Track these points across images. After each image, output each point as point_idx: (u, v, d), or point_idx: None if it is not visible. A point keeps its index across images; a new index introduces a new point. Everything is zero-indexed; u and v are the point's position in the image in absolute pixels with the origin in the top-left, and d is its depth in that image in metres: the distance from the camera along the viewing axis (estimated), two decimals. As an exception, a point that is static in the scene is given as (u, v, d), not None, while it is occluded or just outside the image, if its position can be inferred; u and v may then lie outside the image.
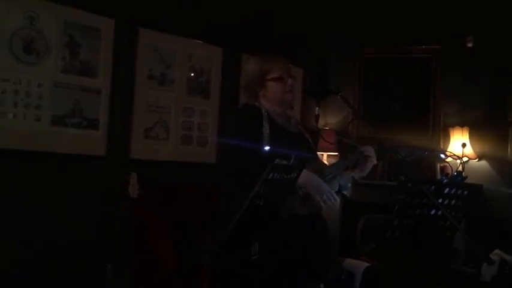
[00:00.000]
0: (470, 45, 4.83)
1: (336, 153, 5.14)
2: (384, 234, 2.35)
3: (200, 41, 4.24)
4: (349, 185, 2.42)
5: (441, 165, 4.76)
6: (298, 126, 2.53)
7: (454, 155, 4.35)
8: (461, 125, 4.82)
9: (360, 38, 5.34)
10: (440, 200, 2.27)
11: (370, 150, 2.41)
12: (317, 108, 5.20)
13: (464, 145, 4.63)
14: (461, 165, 4.55)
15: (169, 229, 3.50)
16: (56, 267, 3.26)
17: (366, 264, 3.95)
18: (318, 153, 5.09)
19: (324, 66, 5.36)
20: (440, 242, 2.47)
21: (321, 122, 5.34)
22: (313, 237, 2.37)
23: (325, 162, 5.04)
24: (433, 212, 2.30)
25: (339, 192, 2.37)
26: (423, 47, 5.14)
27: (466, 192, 2.34)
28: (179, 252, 3.48)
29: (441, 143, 5.01)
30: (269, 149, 2.23)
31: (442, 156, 4.73)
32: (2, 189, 3.14)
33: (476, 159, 4.79)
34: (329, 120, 5.43)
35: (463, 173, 2.45)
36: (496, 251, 3.72)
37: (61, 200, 3.36)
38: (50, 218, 3.29)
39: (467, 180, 2.37)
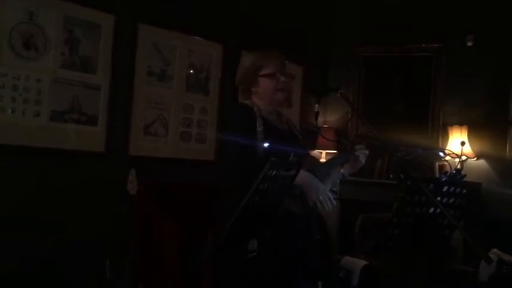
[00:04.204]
0: (470, 44, 4.84)
1: (335, 151, 5.14)
2: (382, 232, 2.35)
3: (200, 38, 4.23)
4: (338, 181, 2.42)
5: (440, 163, 4.76)
6: (288, 124, 2.52)
7: (453, 153, 4.34)
8: (461, 123, 4.83)
9: (362, 36, 5.34)
10: (439, 198, 2.27)
11: (363, 150, 2.40)
12: (316, 105, 5.18)
13: (463, 144, 4.63)
14: (460, 164, 4.54)
15: (169, 227, 3.49)
16: (56, 267, 3.26)
17: (364, 262, 3.95)
18: (317, 150, 5.11)
19: (325, 63, 5.36)
20: (439, 240, 2.47)
21: (321, 119, 5.32)
22: (309, 235, 2.37)
23: (321, 159, 5.04)
24: (431, 210, 2.30)
25: (330, 190, 2.37)
26: (424, 45, 5.13)
27: (464, 191, 2.34)
28: (179, 251, 3.48)
29: (440, 142, 5.02)
30: (267, 147, 2.23)
31: (441, 154, 4.73)
32: None
33: (475, 158, 4.79)
34: (328, 117, 5.43)
35: (462, 171, 2.44)
36: (494, 250, 3.72)
37: (60, 196, 3.35)
38: (48, 215, 3.28)
39: (465, 179, 2.36)
